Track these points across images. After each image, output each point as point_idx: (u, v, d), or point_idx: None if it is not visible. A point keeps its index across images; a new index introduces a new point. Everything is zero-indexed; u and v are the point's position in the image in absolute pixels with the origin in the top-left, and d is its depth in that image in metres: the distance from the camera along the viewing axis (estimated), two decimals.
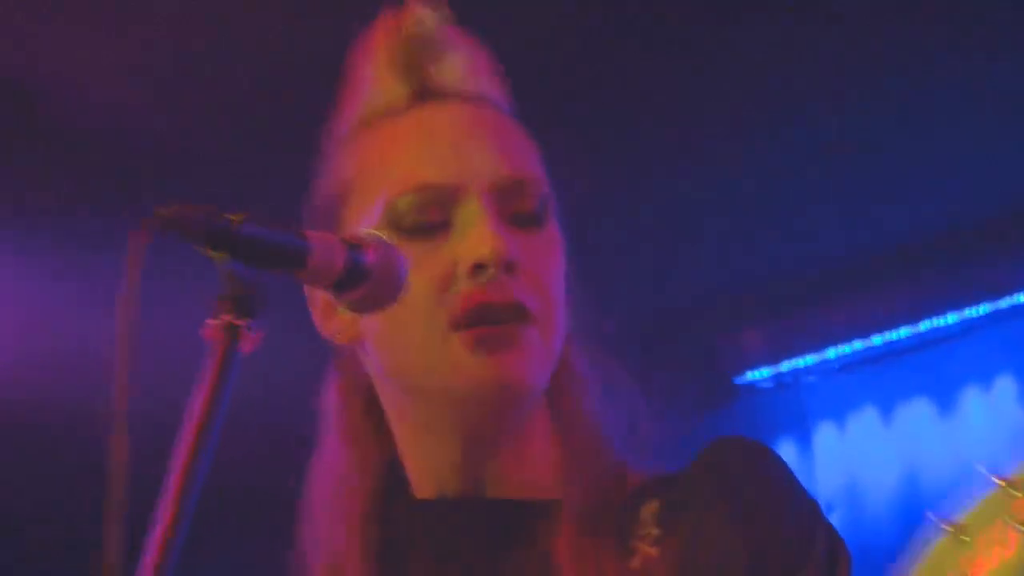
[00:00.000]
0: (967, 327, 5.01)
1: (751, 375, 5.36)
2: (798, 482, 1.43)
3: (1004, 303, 4.94)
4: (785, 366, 5.29)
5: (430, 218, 1.46)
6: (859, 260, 4.96)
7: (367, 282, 1.30)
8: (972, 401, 4.96)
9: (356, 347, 1.53)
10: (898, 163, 4.46)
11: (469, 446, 1.48)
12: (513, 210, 1.47)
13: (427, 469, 1.50)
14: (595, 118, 4.10)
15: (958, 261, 4.88)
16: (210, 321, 1.18)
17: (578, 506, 1.44)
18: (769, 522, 1.37)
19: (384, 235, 1.36)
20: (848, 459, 5.15)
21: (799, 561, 1.35)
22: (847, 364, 5.25)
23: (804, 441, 5.26)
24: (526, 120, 1.55)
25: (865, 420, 5.18)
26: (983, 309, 4.95)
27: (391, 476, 1.52)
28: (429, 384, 1.46)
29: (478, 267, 1.43)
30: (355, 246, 1.30)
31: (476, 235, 1.43)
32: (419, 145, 1.49)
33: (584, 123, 4.05)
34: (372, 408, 1.55)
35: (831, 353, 5.23)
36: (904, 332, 5.10)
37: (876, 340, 5.14)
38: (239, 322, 1.19)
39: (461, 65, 1.54)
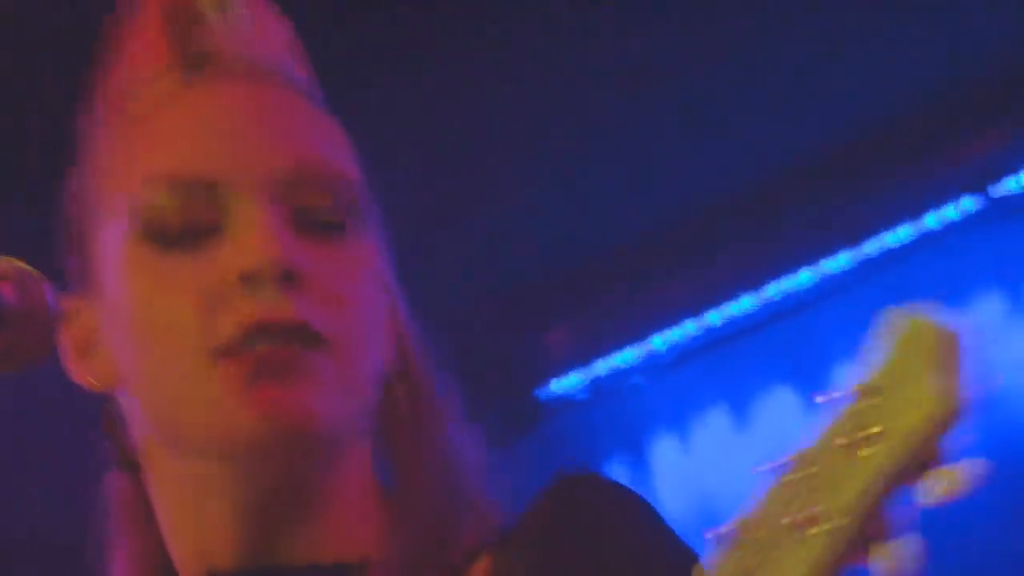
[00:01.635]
0: (827, 286, 4.81)
1: (558, 385, 5.11)
2: (672, 533, 1.36)
3: (869, 248, 4.75)
4: (601, 367, 5.05)
5: (190, 222, 1.39)
6: (677, 221, 4.78)
7: (6, 330, 1.27)
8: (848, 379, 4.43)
9: (118, 395, 1.46)
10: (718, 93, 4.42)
11: (252, 515, 1.40)
12: (304, 211, 1.40)
13: (196, 549, 1.42)
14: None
15: (803, 204, 4.71)
16: None
17: (395, 568, 1.40)
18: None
19: (134, 249, 1.39)
20: (698, 478, 4.88)
21: None
22: (681, 355, 5.03)
23: (638, 463, 5.04)
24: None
25: (715, 425, 4.97)
26: (843, 260, 4.75)
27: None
28: (191, 434, 1.39)
29: (248, 279, 1.36)
30: None
31: (246, 239, 1.37)
32: (180, 132, 1.43)
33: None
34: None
35: (658, 342, 4.99)
36: (747, 303, 4.88)
37: (713, 318, 4.92)
38: None
39: (247, 33, 1.49)
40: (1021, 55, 4.41)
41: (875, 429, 1.02)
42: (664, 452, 5.00)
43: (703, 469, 4.88)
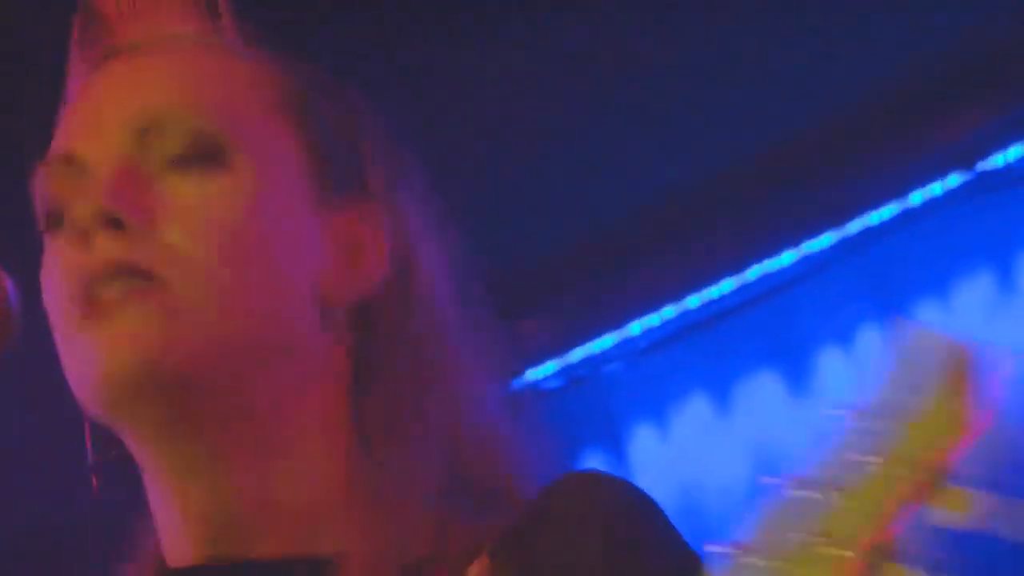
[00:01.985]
0: (809, 267, 4.73)
1: (532, 373, 5.01)
2: (675, 531, 1.37)
3: (853, 227, 4.67)
4: (576, 354, 4.96)
5: (63, 197, 1.44)
6: (654, 205, 4.73)
7: None
8: (832, 365, 4.71)
9: None
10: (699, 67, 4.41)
11: (179, 480, 1.42)
12: (158, 161, 1.43)
13: (168, 535, 1.46)
14: None
15: (785, 185, 4.65)
16: None
17: (369, 563, 1.37)
18: None
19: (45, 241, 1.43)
20: (678, 470, 4.83)
21: None
22: (658, 340, 4.93)
23: (615, 453, 4.95)
24: None
25: (694, 413, 4.89)
26: (826, 240, 4.67)
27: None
28: (81, 394, 1.42)
29: (82, 235, 1.40)
30: None
31: (92, 195, 1.42)
32: (76, 103, 1.51)
33: None
34: None
35: (634, 328, 4.89)
36: (727, 285, 4.80)
37: (692, 301, 4.82)
38: None
39: (141, 15, 1.53)
40: (1008, 30, 4.40)
41: (886, 448, 1.04)
42: (643, 441, 4.97)
43: (683, 458, 4.87)
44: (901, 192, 4.66)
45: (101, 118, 1.47)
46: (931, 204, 4.64)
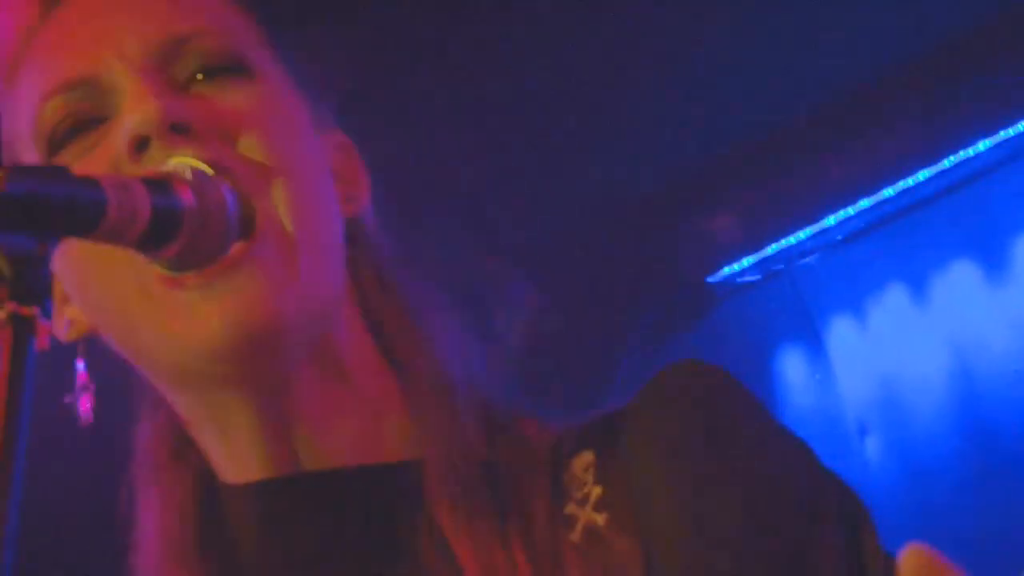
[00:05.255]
0: (1006, 154, 4.68)
1: (728, 269, 5.06)
2: (779, 421, 1.36)
3: None
4: (772, 248, 5.01)
5: (81, 118, 1.40)
6: (847, 92, 4.68)
7: (183, 231, 1.26)
8: None
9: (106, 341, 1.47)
10: None
11: (259, 413, 1.40)
12: (188, 73, 1.41)
13: (235, 459, 1.44)
14: None
15: (981, 71, 4.55)
16: None
17: (446, 463, 1.37)
18: (759, 474, 1.29)
19: (42, 161, 1.41)
20: (877, 360, 4.85)
21: (808, 525, 1.25)
22: (855, 231, 4.96)
23: (814, 346, 5.00)
24: None
25: (892, 303, 4.89)
26: (1023, 126, 4.63)
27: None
28: (147, 351, 1.39)
29: (136, 144, 1.35)
30: (160, 184, 1.25)
31: (128, 109, 1.38)
32: (49, 52, 1.45)
33: None
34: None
35: (830, 220, 4.92)
36: (924, 174, 4.77)
37: (888, 192, 4.81)
38: (27, 311, 1.11)
39: None
40: None
41: None
42: (841, 333, 4.95)
43: (882, 349, 4.84)
44: None
45: (114, 39, 1.43)
46: None
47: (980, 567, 1.06)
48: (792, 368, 4.86)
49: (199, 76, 1.41)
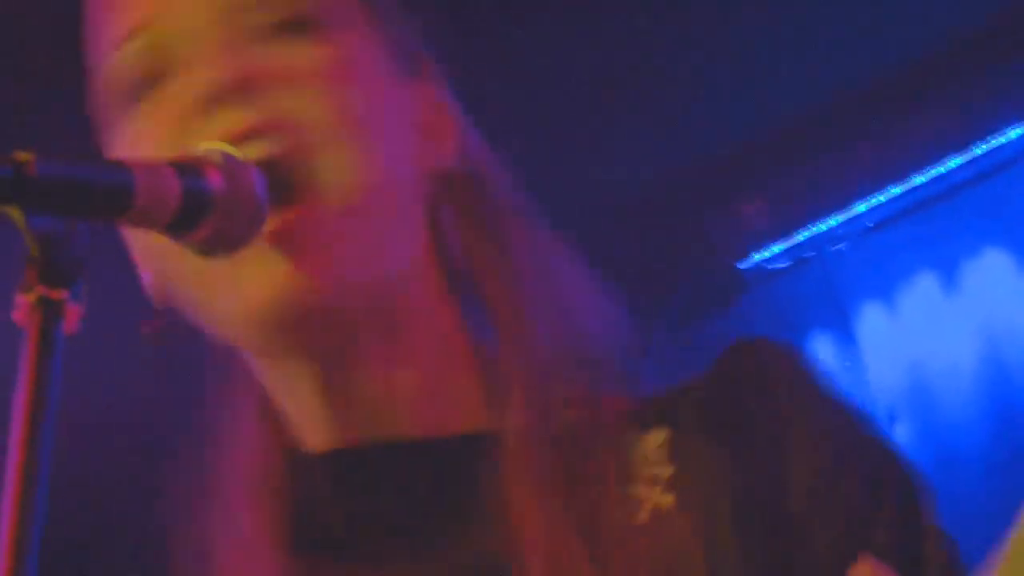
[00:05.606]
0: None
1: (759, 256, 5.07)
2: (850, 402, 1.34)
3: None
4: (802, 235, 5.01)
5: (148, 71, 1.38)
6: (879, 78, 4.70)
7: (213, 215, 1.26)
8: None
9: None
10: None
11: (322, 382, 1.38)
12: (259, 24, 1.38)
13: (306, 427, 1.43)
14: None
15: (1013, 58, 4.57)
16: (20, 297, 1.13)
17: (523, 437, 1.34)
18: (833, 453, 1.29)
19: (120, 118, 1.39)
20: (907, 347, 4.87)
21: (874, 502, 1.27)
22: (885, 218, 4.96)
23: (844, 332, 5.02)
24: None
25: (922, 290, 4.92)
26: None
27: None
28: (220, 319, 1.37)
29: (206, 102, 1.33)
30: (190, 168, 1.25)
31: (194, 66, 1.36)
32: (114, 6, 1.43)
33: None
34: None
35: (860, 207, 4.91)
36: (954, 162, 4.77)
37: (918, 179, 4.82)
38: (56, 294, 1.12)
39: None
40: None
41: None
42: (871, 320, 4.96)
43: (912, 337, 4.84)
44: None
45: None
46: None
47: None
48: (822, 355, 4.84)
49: (271, 27, 1.38)
